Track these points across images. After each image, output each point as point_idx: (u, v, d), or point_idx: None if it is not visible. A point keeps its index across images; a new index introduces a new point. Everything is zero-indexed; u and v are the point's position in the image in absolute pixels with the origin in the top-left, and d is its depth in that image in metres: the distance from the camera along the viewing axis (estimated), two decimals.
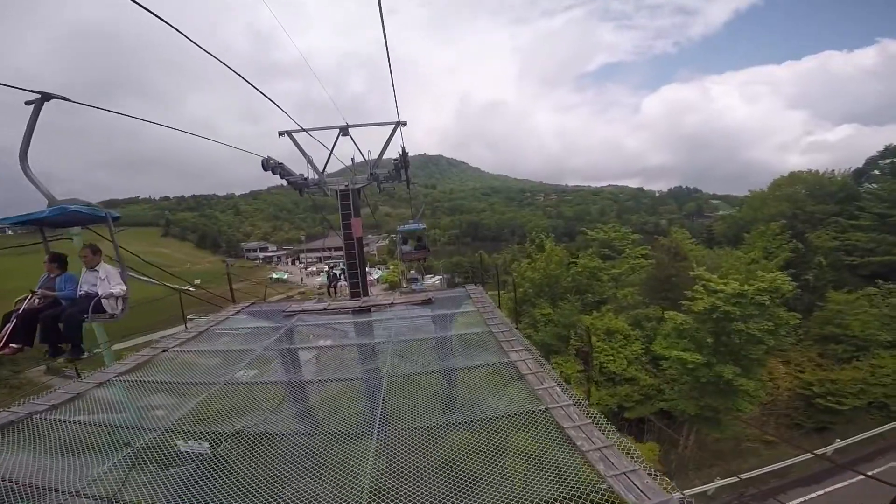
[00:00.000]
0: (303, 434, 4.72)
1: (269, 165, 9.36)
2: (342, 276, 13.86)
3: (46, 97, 4.76)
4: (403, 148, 10.12)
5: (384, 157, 10.83)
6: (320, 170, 10.54)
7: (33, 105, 4.77)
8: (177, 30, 4.88)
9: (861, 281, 30.96)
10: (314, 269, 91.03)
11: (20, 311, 5.98)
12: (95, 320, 6.24)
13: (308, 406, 5.59)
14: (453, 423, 4.59)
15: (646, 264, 25.42)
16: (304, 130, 10.06)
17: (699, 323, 18.75)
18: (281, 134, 10.21)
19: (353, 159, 10.79)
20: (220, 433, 4.81)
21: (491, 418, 4.58)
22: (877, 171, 44.36)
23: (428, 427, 4.51)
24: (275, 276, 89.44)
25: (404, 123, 10.37)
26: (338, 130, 10.58)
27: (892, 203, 36.06)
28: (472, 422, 4.57)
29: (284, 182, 10.84)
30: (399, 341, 6.57)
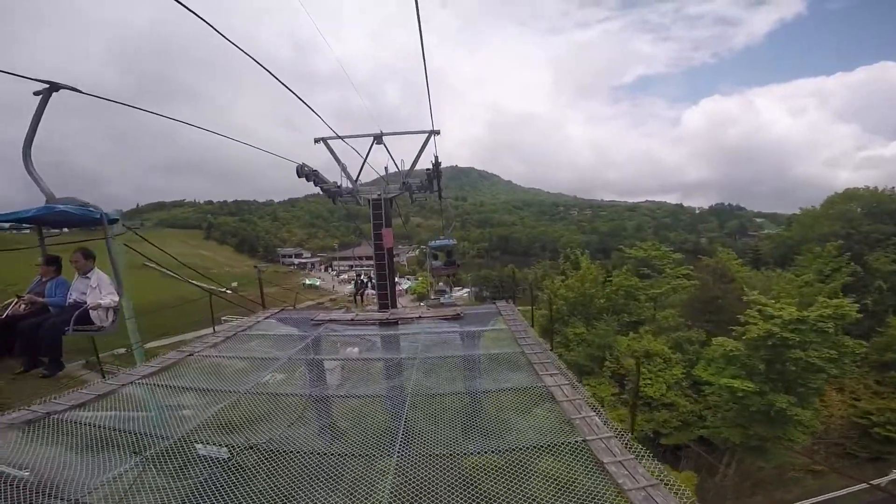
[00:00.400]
0: (322, 449, 4.50)
1: (303, 172, 9.39)
2: (369, 284, 13.70)
3: (55, 87, 4.57)
4: (436, 157, 9.95)
5: (416, 167, 10.73)
6: (354, 178, 10.52)
7: (41, 96, 4.56)
8: (224, 35, 4.86)
9: None
10: (346, 276, 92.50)
11: (2, 317, 5.50)
12: (80, 332, 5.55)
13: (330, 420, 5.39)
14: (480, 451, 4.25)
15: (688, 285, 23.98)
16: (339, 137, 10.09)
17: (751, 350, 17.30)
18: (316, 141, 10.27)
19: (385, 168, 10.74)
20: (237, 445, 4.66)
21: (522, 448, 4.21)
22: None
23: (452, 454, 4.19)
24: (308, 282, 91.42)
25: (437, 132, 10.23)
26: (372, 138, 10.55)
27: None
28: (500, 450, 4.22)
29: (319, 190, 10.92)
30: (425, 358, 6.28)
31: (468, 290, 76.35)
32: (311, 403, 5.52)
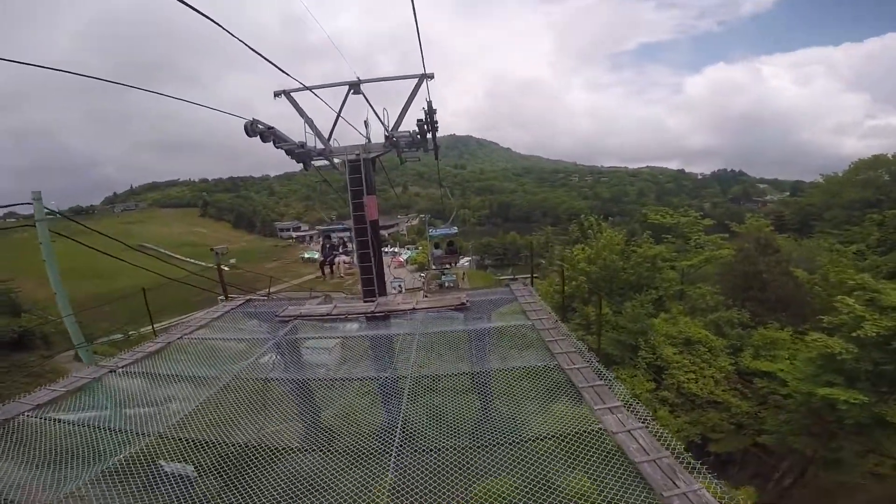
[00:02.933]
0: None
1: (255, 130, 7.32)
2: (341, 249, 11.06)
3: None
4: (430, 103, 7.83)
5: (406, 128, 8.59)
6: (325, 137, 8.45)
7: None
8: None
9: None
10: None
11: None
12: None
13: (286, 479, 3.65)
14: None
15: (724, 256, 21.27)
16: (305, 88, 7.97)
17: (862, 349, 13.14)
18: (276, 94, 8.15)
19: (366, 122, 8.63)
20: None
21: None
22: None
23: None
24: (306, 255, 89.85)
25: (431, 76, 8.12)
26: (347, 87, 8.43)
27: None
28: None
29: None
30: (422, 377, 4.42)
31: (469, 258, 74.41)
32: (255, 452, 3.78)
